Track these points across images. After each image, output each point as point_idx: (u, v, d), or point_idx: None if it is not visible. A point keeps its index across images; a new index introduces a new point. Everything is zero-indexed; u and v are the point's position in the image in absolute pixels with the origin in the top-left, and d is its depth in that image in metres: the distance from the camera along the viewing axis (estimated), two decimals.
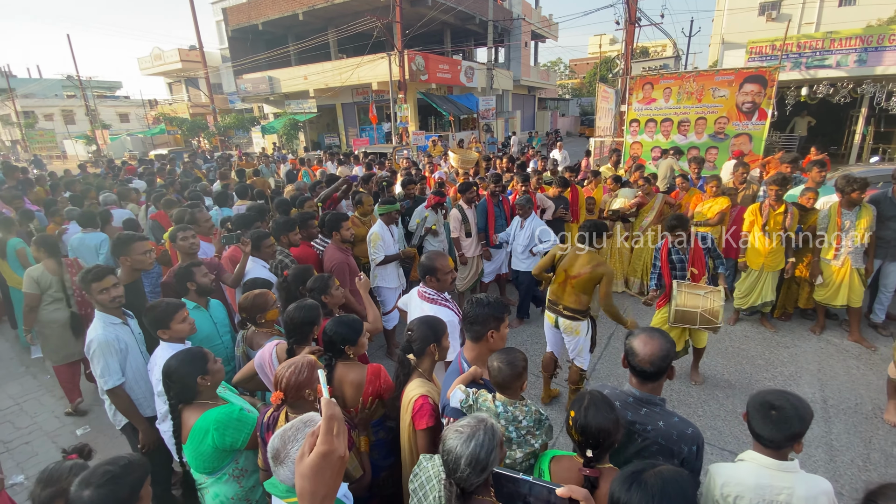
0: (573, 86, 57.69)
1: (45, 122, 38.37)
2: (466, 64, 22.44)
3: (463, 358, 1.99)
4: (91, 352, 2.57)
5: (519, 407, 1.73)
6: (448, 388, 1.85)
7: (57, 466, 1.61)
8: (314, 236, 4.29)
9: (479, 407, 1.73)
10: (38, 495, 1.56)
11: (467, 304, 2.00)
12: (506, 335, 1.98)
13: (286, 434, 1.35)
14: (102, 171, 12.22)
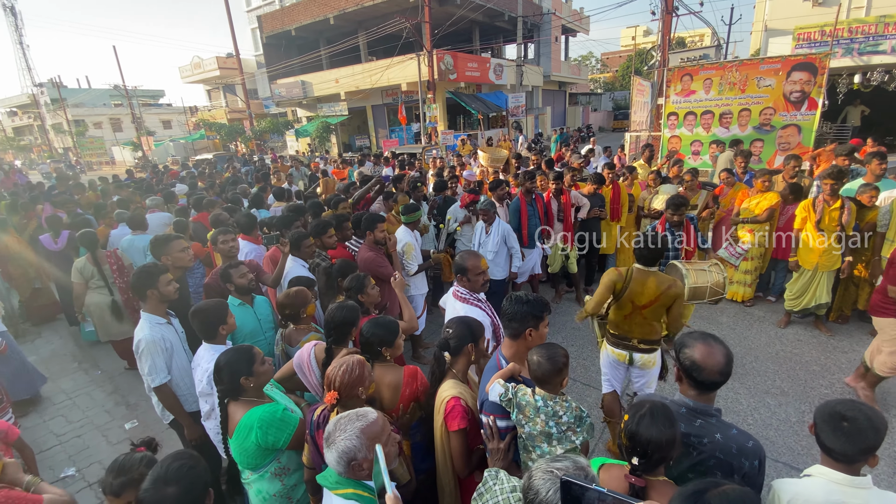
0: (605, 80, 56.36)
1: (95, 130, 40.71)
2: (495, 61, 22.29)
3: (501, 355, 1.96)
4: (139, 351, 2.67)
5: (559, 402, 1.70)
6: (485, 384, 1.82)
7: (128, 457, 1.70)
8: (348, 237, 4.34)
9: (518, 401, 1.71)
10: (109, 484, 1.64)
11: (506, 300, 1.97)
12: (545, 335, 1.94)
13: (340, 422, 1.46)
14: (148, 176, 12.83)
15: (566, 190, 5.24)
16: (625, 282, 2.83)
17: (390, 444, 1.48)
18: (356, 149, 23.72)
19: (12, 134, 48.39)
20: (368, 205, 5.30)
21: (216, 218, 4.60)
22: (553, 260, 5.45)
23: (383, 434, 1.45)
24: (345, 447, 1.39)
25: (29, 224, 6.94)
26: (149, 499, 1.35)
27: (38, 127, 44.33)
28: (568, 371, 1.73)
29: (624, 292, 2.83)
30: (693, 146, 9.82)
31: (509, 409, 1.72)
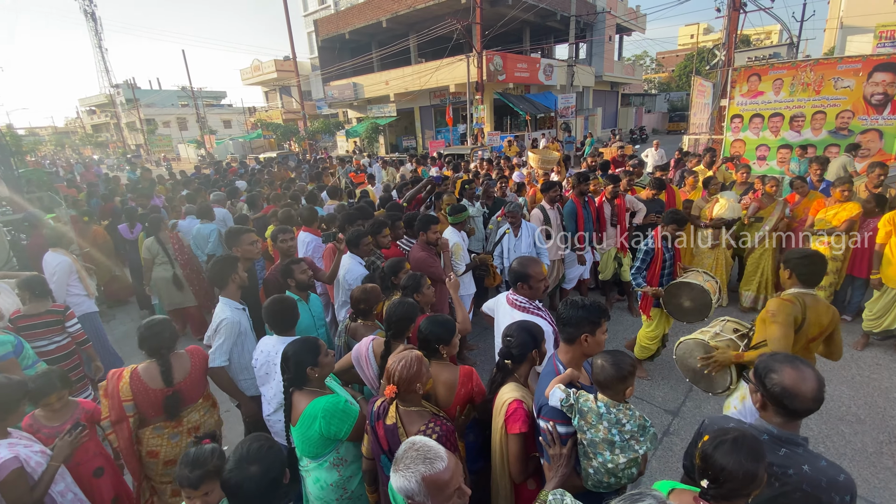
0: (660, 80, 54.11)
1: (164, 129, 43.83)
2: (545, 62, 21.96)
3: (557, 360, 1.93)
4: (218, 328, 2.85)
5: (623, 410, 1.66)
6: (543, 389, 1.81)
7: (199, 450, 1.75)
8: (400, 237, 4.44)
9: (580, 407, 1.68)
10: (186, 477, 1.68)
11: (562, 304, 1.94)
12: (603, 341, 1.89)
13: (409, 451, 1.37)
14: (212, 172, 13.64)
15: (621, 194, 5.08)
16: (802, 312, 2.36)
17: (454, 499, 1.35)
18: (402, 149, 24.11)
19: (91, 131, 52.94)
20: (419, 205, 5.37)
21: (285, 215, 4.82)
22: (605, 266, 5.30)
23: (448, 488, 1.32)
24: (401, 485, 1.33)
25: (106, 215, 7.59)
26: (234, 478, 1.43)
27: (113, 125, 48.25)
28: (634, 380, 1.68)
29: (803, 324, 2.36)
30: (759, 151, 9.26)
31: (570, 414, 1.70)
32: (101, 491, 2.42)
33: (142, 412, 2.49)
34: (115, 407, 2.43)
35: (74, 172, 19.90)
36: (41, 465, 2.09)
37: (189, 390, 2.59)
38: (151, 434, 2.52)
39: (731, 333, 2.67)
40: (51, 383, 2.34)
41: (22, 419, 2.29)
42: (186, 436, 2.57)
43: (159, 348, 2.53)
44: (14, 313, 3.48)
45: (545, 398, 1.77)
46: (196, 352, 2.71)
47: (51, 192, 9.69)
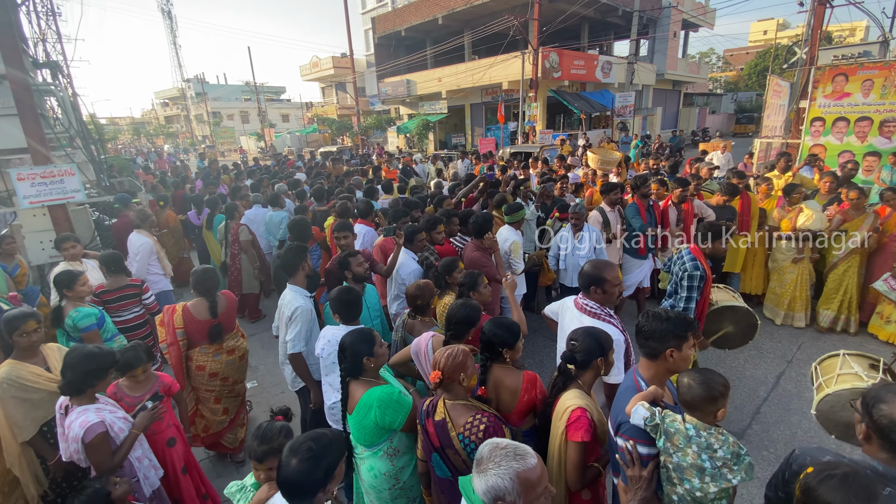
0: (727, 79, 50.96)
1: (228, 122, 46.40)
2: (604, 59, 21.24)
3: (639, 375, 1.83)
4: (294, 316, 2.96)
5: (715, 434, 1.54)
6: (623, 405, 1.71)
7: (270, 426, 1.86)
8: (454, 233, 4.44)
9: (666, 428, 1.58)
10: (254, 450, 1.80)
11: (643, 316, 1.84)
12: (689, 357, 1.76)
13: (495, 451, 1.31)
14: (272, 164, 14.27)
15: (689, 198, 4.80)
16: None
17: (543, 497, 1.30)
18: (451, 146, 24.16)
19: (164, 122, 56.98)
20: (472, 203, 5.35)
21: (342, 207, 4.96)
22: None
23: (539, 485, 1.28)
24: (494, 484, 1.26)
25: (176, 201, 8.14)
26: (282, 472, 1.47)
27: (183, 117, 51.72)
28: (726, 402, 1.57)
29: None
30: (841, 157, 8.47)
31: (654, 434, 1.60)
32: (173, 459, 2.59)
33: (190, 337, 3.21)
34: (170, 333, 3.13)
35: (148, 160, 21.50)
36: (123, 431, 2.26)
37: (227, 322, 3.33)
38: (199, 353, 3.25)
39: (867, 370, 2.35)
40: (138, 356, 2.53)
41: (108, 387, 2.48)
42: (226, 355, 3.32)
43: (209, 290, 3.21)
44: (98, 287, 3.79)
45: (625, 415, 1.68)
46: (229, 294, 3.43)
47: (131, 177, 10.50)
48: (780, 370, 4.36)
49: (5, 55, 4.57)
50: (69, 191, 4.89)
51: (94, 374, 2.20)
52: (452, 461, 1.90)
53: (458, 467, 1.89)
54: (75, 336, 3.26)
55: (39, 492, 2.53)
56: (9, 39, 4.58)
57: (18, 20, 5.15)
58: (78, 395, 2.18)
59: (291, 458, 1.45)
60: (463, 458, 1.85)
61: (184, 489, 2.61)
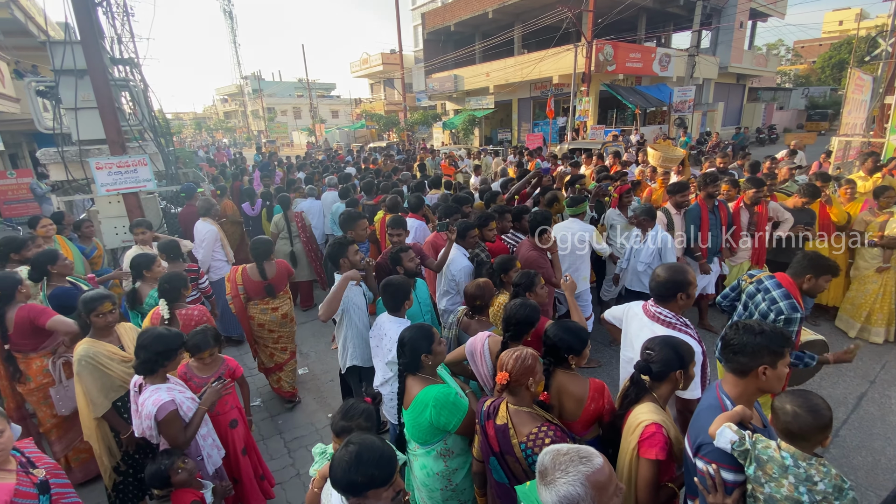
0: (797, 73, 47.31)
1: (281, 117, 48.28)
2: (662, 51, 20.22)
3: (722, 392, 1.66)
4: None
5: (815, 465, 1.37)
6: (704, 425, 1.56)
7: (354, 405, 1.92)
8: (506, 230, 4.34)
9: (757, 454, 1.42)
10: (336, 422, 1.88)
11: (730, 328, 1.66)
12: (784, 376, 1.58)
13: (558, 458, 1.25)
14: (324, 158, 14.68)
15: (764, 200, 4.44)
16: None
17: (615, 497, 1.24)
18: (497, 142, 23.89)
19: (223, 117, 60.08)
20: (525, 199, 5.21)
21: (393, 202, 4.99)
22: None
23: (610, 484, 1.23)
24: (566, 493, 1.19)
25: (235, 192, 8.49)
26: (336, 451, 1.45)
27: (241, 112, 54.29)
28: (831, 430, 1.39)
29: None
30: None
31: (743, 461, 1.45)
32: (234, 440, 2.68)
33: (248, 293, 3.92)
34: (233, 289, 3.89)
35: (209, 153, 22.73)
36: (191, 409, 2.35)
37: (277, 284, 4.00)
38: (253, 307, 3.96)
39: None
40: (206, 340, 2.64)
41: (178, 367, 2.59)
42: (271, 311, 3.97)
43: (258, 257, 3.90)
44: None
45: (707, 436, 1.53)
46: (281, 263, 4.09)
47: (195, 168, 11.11)
48: (861, 390, 3.96)
49: (87, 52, 4.90)
50: (141, 180, 5.20)
51: (165, 355, 2.29)
52: (511, 468, 1.83)
53: (517, 474, 1.81)
54: None
55: (112, 463, 2.69)
56: (90, 37, 4.91)
57: (98, 19, 5.50)
58: (151, 375, 2.29)
59: (345, 447, 1.43)
60: (524, 467, 1.77)
61: (243, 469, 2.69)
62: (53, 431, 3.19)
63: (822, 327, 4.94)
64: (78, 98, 5.55)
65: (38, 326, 2.97)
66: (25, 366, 3.08)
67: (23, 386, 3.10)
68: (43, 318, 2.98)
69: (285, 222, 5.78)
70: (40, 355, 3.09)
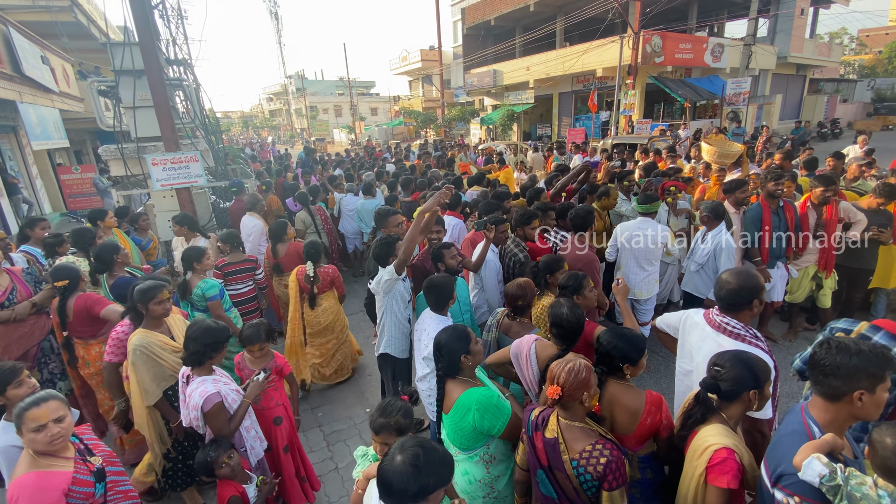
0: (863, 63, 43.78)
1: (323, 115, 49.46)
2: (714, 41, 19.12)
3: (809, 416, 1.49)
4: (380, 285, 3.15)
5: None
6: (787, 453, 1.40)
7: (392, 402, 1.87)
8: (550, 227, 4.18)
9: (850, 491, 1.26)
10: (374, 420, 1.85)
11: (821, 347, 1.48)
12: (883, 401, 1.39)
13: None
14: (362, 156, 14.88)
15: (833, 200, 4.08)
16: None
17: None
18: (535, 137, 23.43)
19: (268, 115, 62.22)
20: (572, 196, 5.03)
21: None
22: (798, 286, 4.35)
23: None
24: None
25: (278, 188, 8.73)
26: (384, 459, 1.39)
27: (285, 111, 56.03)
28: None
29: None
30: None
31: (832, 497, 1.29)
32: (278, 437, 2.71)
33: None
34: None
35: (255, 151, 23.57)
36: (236, 401, 2.39)
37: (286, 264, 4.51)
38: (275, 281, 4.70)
39: None
40: (258, 334, 2.70)
41: (221, 359, 2.63)
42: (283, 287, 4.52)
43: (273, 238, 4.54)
44: (220, 261, 4.16)
45: (790, 465, 1.38)
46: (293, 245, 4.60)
47: (242, 165, 11.52)
48: None
49: (144, 53, 5.13)
50: (193, 175, 5.40)
51: (213, 347, 2.34)
52: (561, 483, 1.73)
53: (567, 492, 1.71)
54: (201, 305, 3.59)
55: (163, 450, 2.78)
56: (146, 38, 5.13)
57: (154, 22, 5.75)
58: (198, 366, 2.34)
59: (397, 454, 1.37)
60: (574, 485, 1.66)
61: (284, 467, 2.71)
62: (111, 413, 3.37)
63: None
64: (136, 97, 5.84)
65: (93, 314, 3.14)
66: (85, 351, 3.26)
67: (84, 370, 3.28)
68: (98, 307, 3.15)
69: (310, 218, 6.10)
70: (99, 341, 3.25)
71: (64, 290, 3.12)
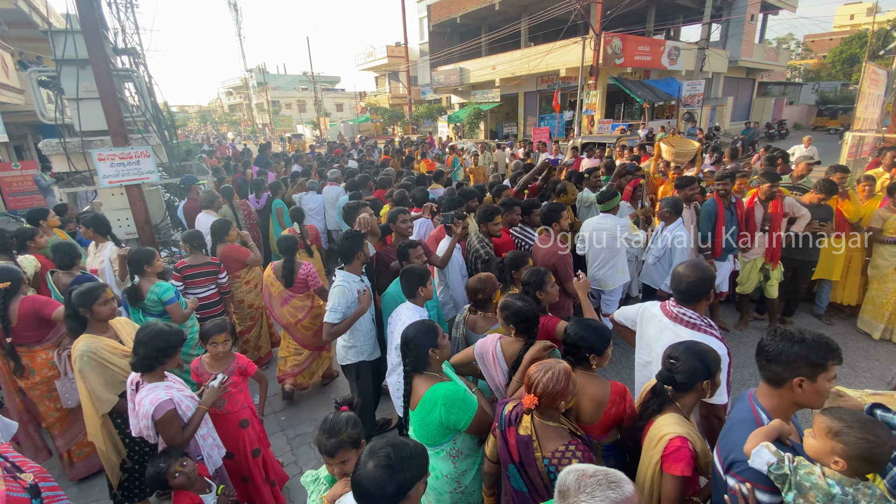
0: (808, 67, 46.68)
1: (286, 110, 48.11)
2: (671, 44, 19.90)
3: (758, 404, 1.53)
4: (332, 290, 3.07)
5: (862, 489, 1.25)
6: (737, 440, 1.46)
7: (336, 418, 1.78)
8: (515, 223, 4.21)
9: (799, 480, 1.30)
10: (323, 444, 1.73)
11: (769, 334, 1.54)
12: (826, 391, 1.43)
13: (584, 480, 1.16)
14: (327, 152, 14.59)
15: (779, 196, 4.32)
16: None
17: None
18: (503, 136, 23.68)
19: (228, 110, 59.99)
20: (535, 193, 5.09)
21: (400, 196, 4.89)
22: (746, 278, 4.59)
23: None
24: None
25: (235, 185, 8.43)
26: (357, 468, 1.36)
27: (245, 105, 54.15)
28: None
29: None
30: None
31: (780, 484, 1.33)
32: (245, 441, 2.60)
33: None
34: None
35: (213, 147, 22.67)
36: (191, 408, 2.28)
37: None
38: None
39: None
40: (222, 325, 2.62)
41: (176, 364, 2.50)
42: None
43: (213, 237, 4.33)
44: (180, 263, 3.96)
45: (740, 452, 1.42)
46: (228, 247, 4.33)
47: (198, 161, 11.04)
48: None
49: (88, 41, 4.81)
50: (144, 171, 5.11)
51: (165, 352, 2.22)
52: (532, 480, 1.74)
53: (538, 487, 1.73)
54: (156, 311, 3.37)
55: (118, 461, 2.61)
56: (91, 26, 4.81)
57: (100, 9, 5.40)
58: (148, 372, 2.21)
59: (368, 460, 1.34)
60: (545, 481, 1.68)
61: (253, 472, 2.62)
62: (56, 426, 3.16)
63: (838, 327, 4.83)
64: (80, 88, 5.47)
65: (43, 317, 2.94)
66: (30, 359, 3.04)
67: (26, 380, 3.06)
68: (48, 308, 2.95)
69: (232, 212, 6.03)
70: (45, 348, 3.05)
71: (5, 292, 2.89)
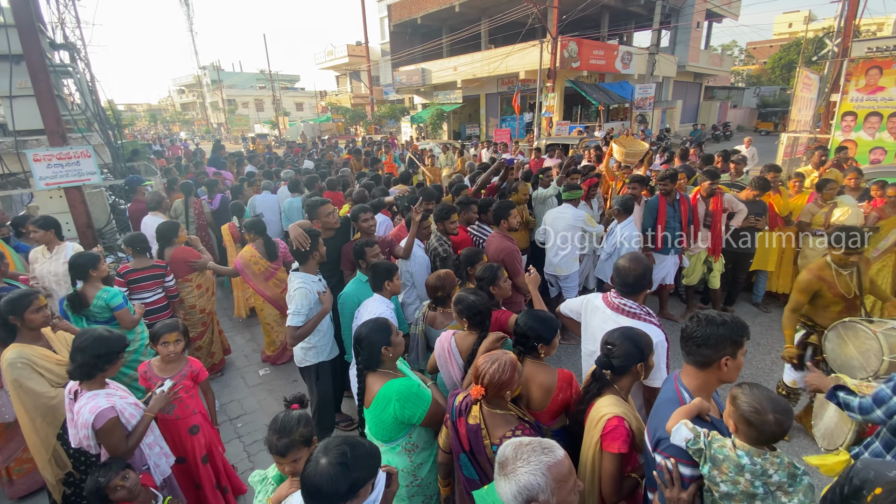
0: (750, 73, 49.66)
1: (242, 109, 46.54)
2: (624, 49, 20.73)
3: (681, 384, 1.66)
4: (293, 292, 2.98)
5: (769, 459, 1.37)
6: (663, 419, 1.56)
7: (287, 417, 1.75)
8: (472, 221, 4.29)
9: (713, 454, 1.41)
10: (274, 444, 1.70)
11: (692, 321, 1.65)
12: (741, 364, 1.59)
13: (521, 449, 1.23)
14: (285, 152, 14.25)
15: (719, 193, 4.61)
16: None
17: (573, 493, 1.23)
18: (465, 137, 23.89)
19: (180, 109, 57.37)
20: (493, 192, 5.20)
21: (360, 195, 4.86)
22: (691, 271, 4.87)
23: (570, 478, 1.21)
24: (527, 482, 1.17)
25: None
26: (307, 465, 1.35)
27: (199, 104, 52.00)
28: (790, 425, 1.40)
29: None
30: (873, 154, 8.16)
31: (697, 459, 1.44)
32: (194, 447, 2.52)
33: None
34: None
35: (164, 147, 21.65)
36: (135, 416, 2.19)
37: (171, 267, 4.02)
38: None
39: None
40: (174, 324, 2.54)
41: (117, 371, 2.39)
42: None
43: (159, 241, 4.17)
44: (123, 268, 3.77)
45: (665, 431, 1.52)
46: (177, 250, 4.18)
47: (146, 162, 10.53)
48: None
49: (22, 34, 4.51)
50: (85, 173, 4.84)
51: (105, 359, 2.12)
52: (482, 467, 1.80)
53: (488, 473, 1.79)
54: (103, 318, 3.19)
55: (60, 476, 2.46)
56: (25, 18, 4.52)
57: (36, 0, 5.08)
58: (88, 380, 2.11)
59: (322, 457, 1.33)
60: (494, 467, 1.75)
61: (203, 478, 2.54)
62: None
63: (774, 314, 5.19)
64: (13, 85, 5.12)
65: None
66: None
67: None
68: None
69: (184, 208, 5.98)
70: None
71: None
